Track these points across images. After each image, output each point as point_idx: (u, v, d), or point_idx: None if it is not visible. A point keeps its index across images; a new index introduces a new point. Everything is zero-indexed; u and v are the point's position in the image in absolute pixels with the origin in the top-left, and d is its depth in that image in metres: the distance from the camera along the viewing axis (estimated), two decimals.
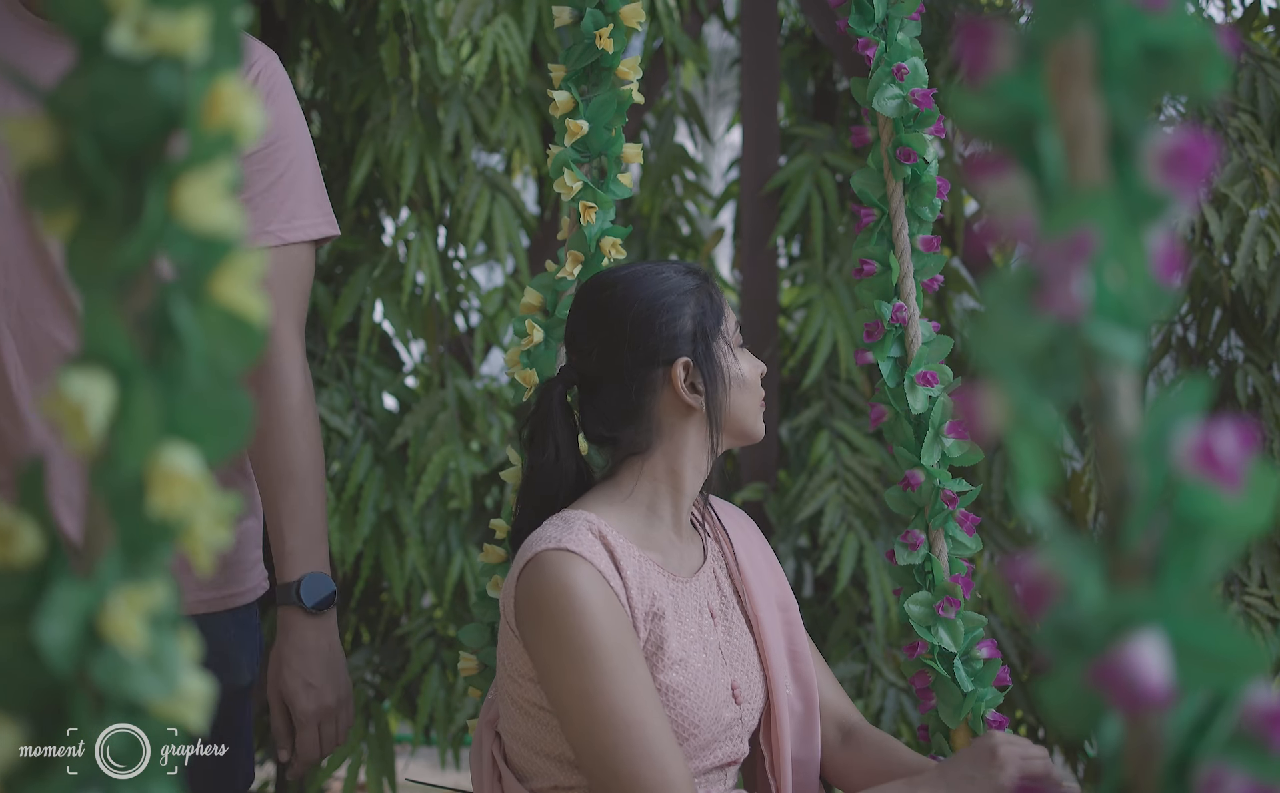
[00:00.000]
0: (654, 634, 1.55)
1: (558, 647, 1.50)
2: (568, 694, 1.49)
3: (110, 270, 0.68)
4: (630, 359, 1.60)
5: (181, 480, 0.69)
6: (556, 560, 1.51)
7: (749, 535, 1.78)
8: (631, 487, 1.62)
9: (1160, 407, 0.65)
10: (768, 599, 1.72)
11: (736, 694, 1.62)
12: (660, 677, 1.54)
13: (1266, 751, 0.64)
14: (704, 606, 1.63)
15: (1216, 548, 0.65)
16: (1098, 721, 0.67)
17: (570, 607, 1.49)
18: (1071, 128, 0.67)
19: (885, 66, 1.66)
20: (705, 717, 1.57)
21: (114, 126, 0.68)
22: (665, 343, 1.60)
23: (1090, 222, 0.65)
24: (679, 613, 1.59)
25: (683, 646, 1.57)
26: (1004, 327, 0.66)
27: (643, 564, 1.57)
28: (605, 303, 1.62)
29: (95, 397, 0.67)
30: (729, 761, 1.62)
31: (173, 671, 0.70)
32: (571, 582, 1.50)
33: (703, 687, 1.57)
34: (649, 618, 1.55)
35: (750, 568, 1.72)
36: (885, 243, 1.71)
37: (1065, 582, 0.66)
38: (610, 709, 1.47)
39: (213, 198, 0.69)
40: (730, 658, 1.63)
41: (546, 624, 1.50)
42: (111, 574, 0.70)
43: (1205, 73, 0.67)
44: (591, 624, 1.49)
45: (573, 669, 1.49)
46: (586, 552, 1.52)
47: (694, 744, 1.57)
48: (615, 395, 1.61)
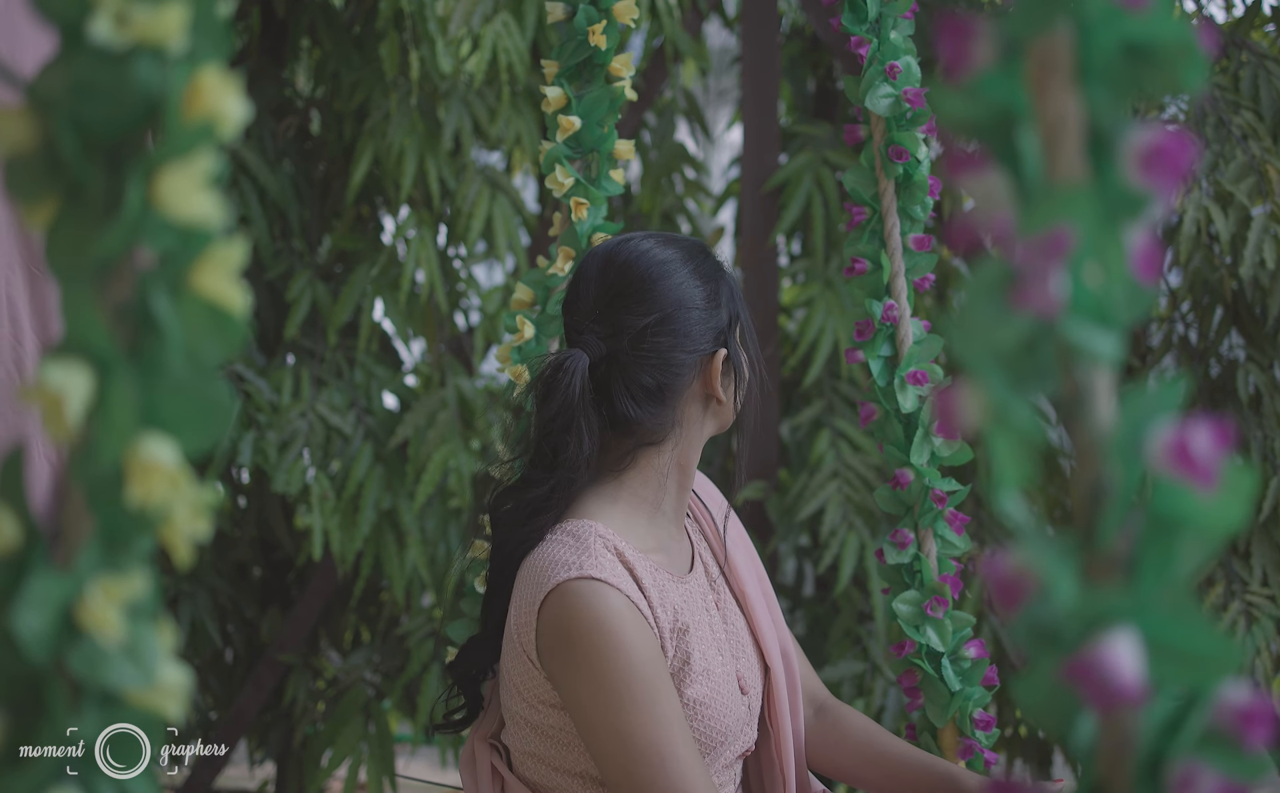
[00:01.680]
0: (680, 649, 1.50)
1: (593, 684, 1.42)
2: (604, 731, 1.43)
3: (90, 260, 0.68)
4: (667, 343, 1.51)
5: (160, 471, 0.69)
6: (585, 592, 1.42)
7: (719, 506, 1.73)
8: (638, 483, 1.54)
9: (1135, 405, 0.65)
10: (745, 566, 1.68)
11: (742, 685, 1.58)
12: (687, 692, 1.49)
13: (1239, 749, 0.64)
14: (707, 600, 1.59)
15: (1191, 547, 0.65)
16: (1072, 718, 0.67)
17: (605, 645, 1.41)
18: (1051, 125, 0.67)
19: (878, 65, 1.66)
20: (730, 722, 1.53)
21: (94, 117, 0.68)
22: (706, 332, 1.52)
23: (1068, 219, 0.65)
24: (695, 621, 1.53)
25: (704, 655, 1.52)
26: (982, 324, 0.66)
27: (656, 574, 1.51)
28: (639, 281, 1.52)
29: (74, 387, 0.68)
30: (740, 753, 1.60)
31: (150, 661, 0.70)
32: (603, 615, 1.41)
33: (723, 692, 1.53)
34: (674, 634, 1.50)
35: (729, 539, 1.68)
36: (877, 241, 1.71)
37: (1040, 579, 0.65)
38: (647, 744, 1.41)
39: (193, 189, 0.69)
40: (732, 648, 1.60)
41: (580, 661, 1.42)
42: (89, 565, 0.70)
43: (1184, 71, 0.66)
44: (627, 659, 1.41)
45: (610, 707, 1.42)
46: (611, 577, 1.43)
47: (719, 750, 1.54)
48: (646, 380, 1.51)
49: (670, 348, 1.51)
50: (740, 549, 1.71)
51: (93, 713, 0.70)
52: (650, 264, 1.53)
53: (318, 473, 2.84)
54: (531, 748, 1.53)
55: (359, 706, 2.98)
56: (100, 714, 0.70)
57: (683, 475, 1.57)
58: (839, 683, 2.86)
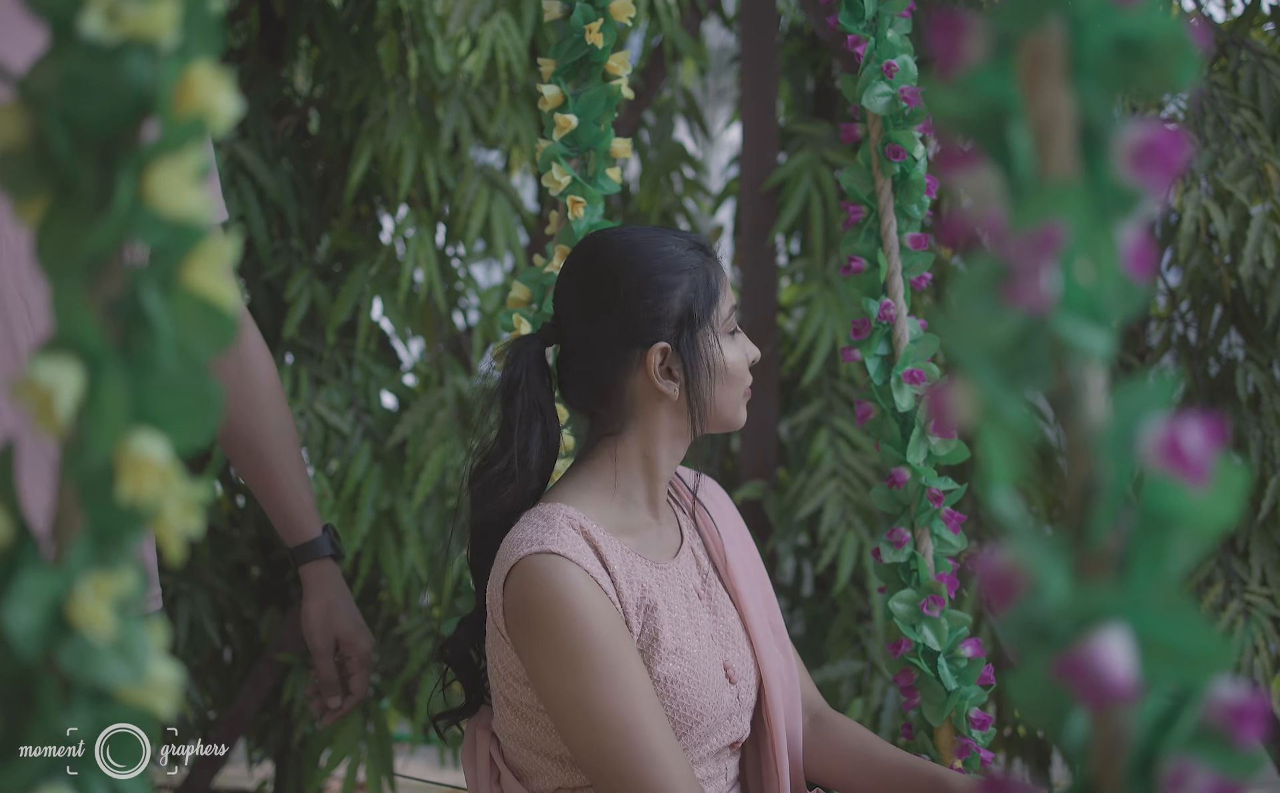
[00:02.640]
0: (648, 627, 1.53)
1: (552, 654, 1.47)
2: (565, 701, 1.46)
3: (81, 256, 0.68)
4: (609, 332, 1.55)
5: (150, 468, 0.69)
6: (543, 565, 1.48)
7: (722, 507, 1.75)
8: (607, 471, 1.58)
9: (1127, 401, 0.65)
10: (746, 572, 1.69)
11: (730, 674, 1.59)
12: (657, 669, 1.52)
13: (1231, 746, 0.64)
14: (689, 587, 1.61)
15: (1183, 543, 0.65)
16: (1065, 715, 0.67)
17: (562, 614, 1.46)
18: (1043, 121, 0.67)
19: (875, 64, 1.66)
20: (707, 703, 1.54)
21: (85, 112, 0.68)
22: (648, 324, 1.54)
23: (1059, 215, 0.65)
24: (668, 601, 1.56)
25: (677, 634, 1.54)
26: (973, 320, 0.66)
27: (626, 556, 1.54)
28: (598, 267, 1.56)
29: (64, 383, 0.67)
30: (731, 742, 1.60)
31: (141, 658, 0.70)
32: (560, 587, 1.46)
33: (701, 673, 1.55)
34: (641, 611, 1.53)
35: (728, 541, 1.69)
36: (873, 240, 1.71)
37: (1032, 576, 0.65)
38: (609, 714, 1.45)
39: (184, 184, 0.69)
40: (720, 637, 1.61)
41: (539, 632, 1.47)
42: (80, 561, 0.70)
43: (1176, 67, 0.66)
44: (584, 629, 1.46)
45: (569, 676, 1.46)
46: (572, 553, 1.48)
47: (698, 732, 1.55)
48: (590, 367, 1.57)
49: (603, 338, 1.55)
50: (742, 553, 1.71)
51: (83, 710, 0.70)
52: (607, 254, 1.57)
53: (316, 472, 2.84)
54: (512, 730, 1.57)
55: (358, 706, 2.97)
56: (91, 711, 0.70)
57: (649, 466, 1.59)
58: (838, 683, 2.86)
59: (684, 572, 1.61)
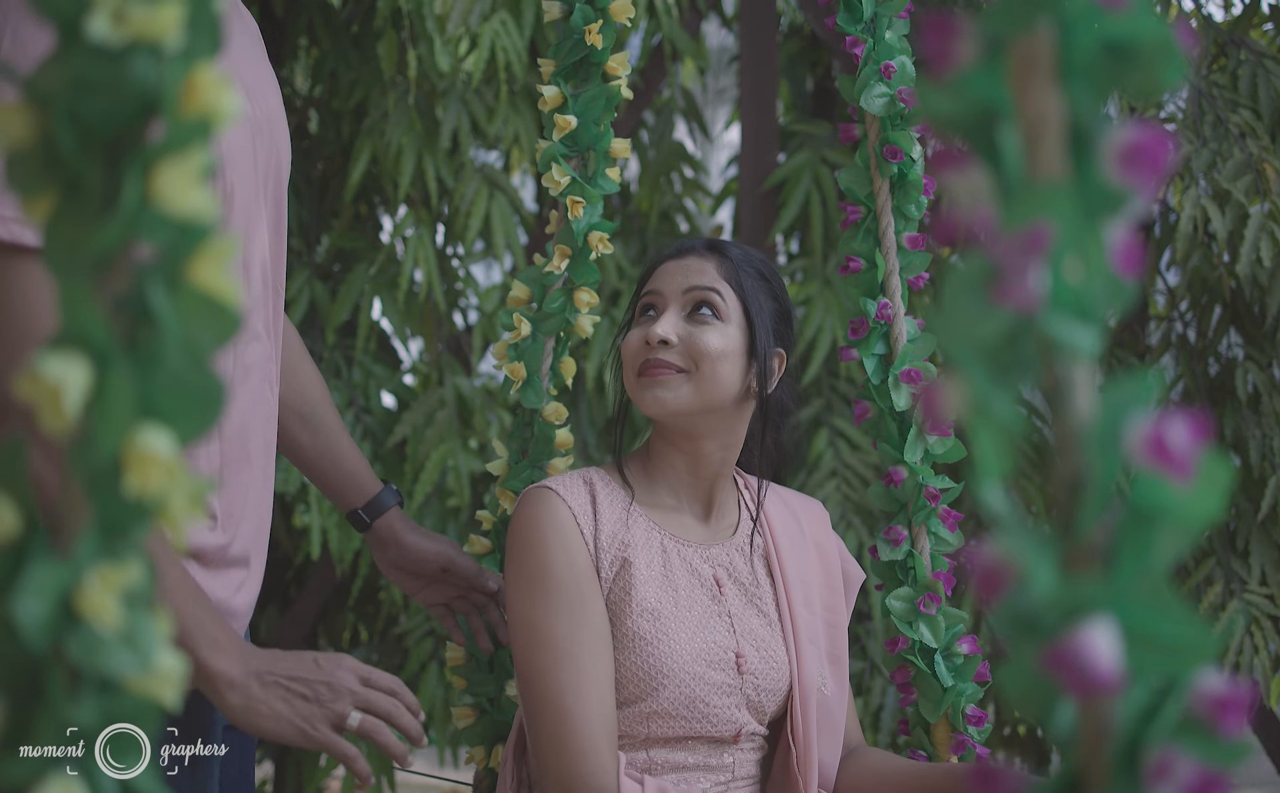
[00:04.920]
0: (621, 580, 1.60)
1: (515, 573, 1.58)
2: (518, 619, 1.57)
3: (87, 254, 0.69)
4: None
5: (156, 461, 0.70)
6: (531, 496, 1.62)
7: (804, 530, 1.77)
8: (657, 448, 1.68)
9: (1115, 397, 0.66)
10: (807, 596, 1.72)
11: (740, 665, 1.62)
12: (628, 622, 1.59)
13: (1215, 736, 0.65)
14: (708, 573, 1.65)
15: (1169, 538, 0.66)
16: (1053, 705, 0.68)
17: (531, 538, 1.59)
18: (1032, 122, 0.68)
19: (873, 64, 1.68)
20: (676, 668, 1.58)
21: (92, 113, 0.69)
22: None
23: (1048, 216, 0.66)
24: (667, 568, 1.62)
25: (657, 597, 1.60)
26: (963, 318, 0.67)
27: (632, 515, 1.63)
28: None
29: (72, 379, 0.69)
30: (727, 734, 1.62)
31: (147, 648, 0.71)
32: (537, 515, 1.59)
33: (675, 639, 1.59)
34: (616, 563, 1.60)
35: (792, 560, 1.72)
36: (871, 240, 1.72)
37: (1020, 569, 0.67)
38: (550, 636, 1.55)
39: (189, 183, 0.70)
40: (741, 632, 1.64)
41: (511, 554, 1.60)
42: (88, 553, 0.71)
43: (1164, 69, 0.68)
44: (548, 556, 1.57)
45: (525, 596, 1.57)
46: (561, 489, 1.61)
47: (675, 698, 1.58)
48: None
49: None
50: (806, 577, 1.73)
51: (91, 700, 0.71)
52: None
53: None
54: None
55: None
56: (98, 701, 0.71)
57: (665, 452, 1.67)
58: None
59: (714, 559, 1.67)
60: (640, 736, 1.59)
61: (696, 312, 1.62)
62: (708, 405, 1.62)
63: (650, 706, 1.57)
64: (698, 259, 1.66)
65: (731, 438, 1.68)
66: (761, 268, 1.68)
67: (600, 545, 1.59)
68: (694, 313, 1.62)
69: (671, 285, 1.64)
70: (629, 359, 1.64)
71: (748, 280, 1.65)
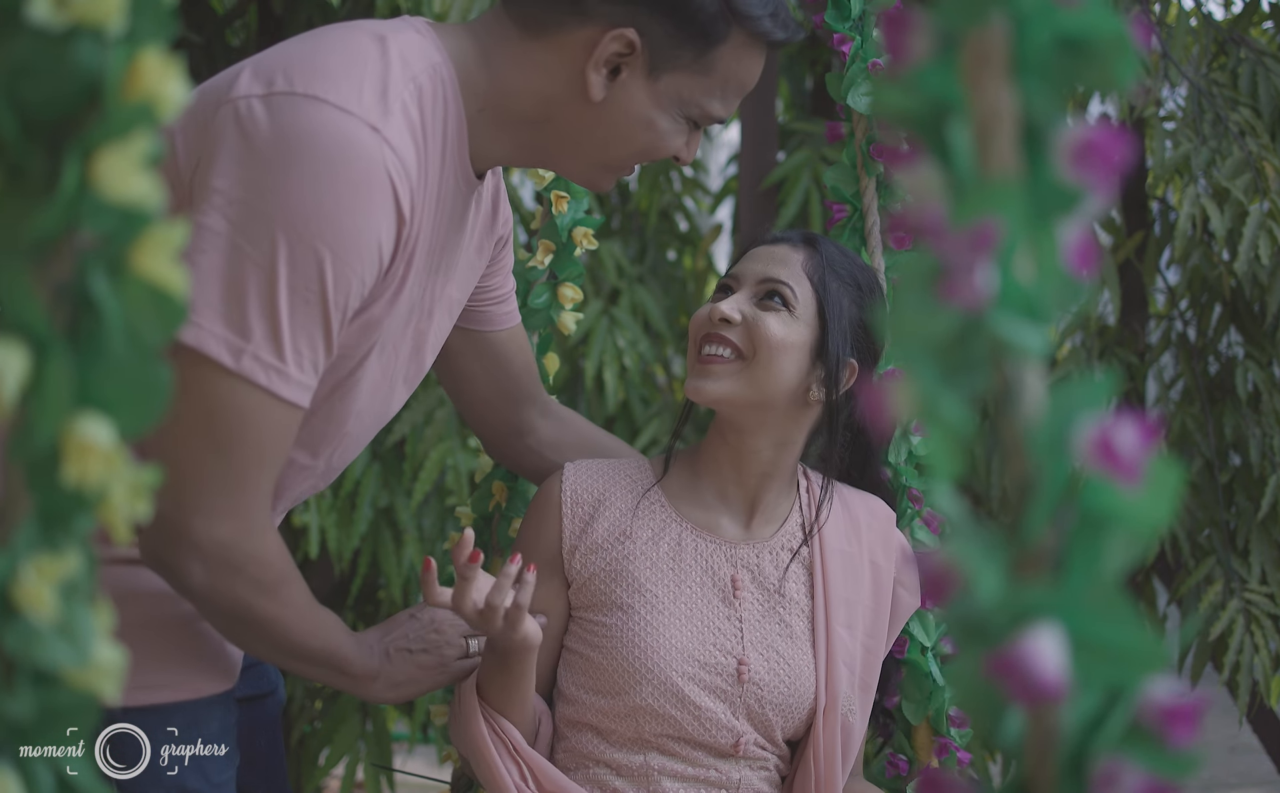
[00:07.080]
0: (613, 552, 1.62)
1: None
2: None
3: (27, 241, 0.68)
4: None
5: (96, 451, 0.69)
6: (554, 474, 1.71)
7: (862, 544, 1.70)
8: (708, 440, 1.68)
9: (1063, 400, 0.65)
10: (850, 617, 1.66)
11: (742, 673, 1.59)
12: (617, 592, 1.60)
13: (1162, 746, 0.64)
14: (726, 574, 1.62)
15: (1118, 543, 0.65)
16: (999, 713, 0.67)
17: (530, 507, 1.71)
18: (984, 118, 0.67)
19: (860, 62, 1.67)
20: (660, 656, 1.57)
21: (33, 97, 0.68)
22: None
23: (995, 213, 0.65)
24: (677, 559, 1.62)
25: (652, 578, 1.61)
26: (912, 316, 0.66)
27: (648, 500, 1.65)
28: None
29: (10, 366, 0.68)
30: (727, 739, 1.59)
31: (85, 640, 0.70)
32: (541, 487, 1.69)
33: (665, 626, 1.58)
34: (608, 545, 1.62)
35: (839, 577, 1.66)
36: (857, 239, 1.71)
37: (967, 572, 0.65)
38: None
39: (131, 169, 0.69)
40: (751, 639, 1.61)
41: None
42: (26, 543, 0.70)
43: (1118, 65, 0.66)
44: (525, 522, 1.70)
45: None
46: (570, 470, 1.67)
47: (660, 692, 1.56)
48: None
49: None
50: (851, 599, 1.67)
51: (26, 692, 0.70)
52: None
53: None
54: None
55: (356, 704, 2.97)
56: (34, 693, 0.70)
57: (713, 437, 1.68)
58: None
59: (737, 559, 1.64)
60: (632, 735, 1.58)
61: (767, 298, 1.60)
62: (758, 397, 1.59)
63: (634, 699, 1.55)
64: (787, 249, 1.63)
65: (785, 439, 1.63)
66: (857, 275, 1.62)
67: (583, 530, 1.63)
68: (764, 299, 1.60)
69: (752, 270, 1.63)
70: (693, 333, 1.63)
71: (833, 281, 1.60)
